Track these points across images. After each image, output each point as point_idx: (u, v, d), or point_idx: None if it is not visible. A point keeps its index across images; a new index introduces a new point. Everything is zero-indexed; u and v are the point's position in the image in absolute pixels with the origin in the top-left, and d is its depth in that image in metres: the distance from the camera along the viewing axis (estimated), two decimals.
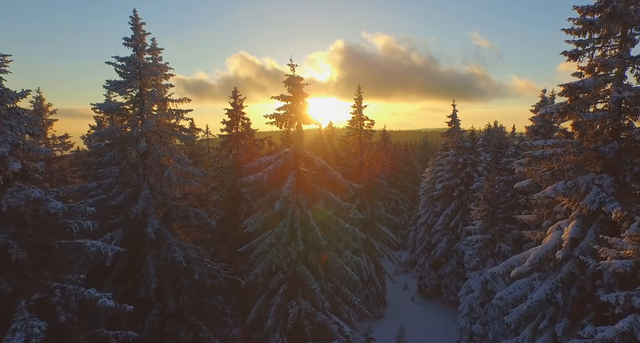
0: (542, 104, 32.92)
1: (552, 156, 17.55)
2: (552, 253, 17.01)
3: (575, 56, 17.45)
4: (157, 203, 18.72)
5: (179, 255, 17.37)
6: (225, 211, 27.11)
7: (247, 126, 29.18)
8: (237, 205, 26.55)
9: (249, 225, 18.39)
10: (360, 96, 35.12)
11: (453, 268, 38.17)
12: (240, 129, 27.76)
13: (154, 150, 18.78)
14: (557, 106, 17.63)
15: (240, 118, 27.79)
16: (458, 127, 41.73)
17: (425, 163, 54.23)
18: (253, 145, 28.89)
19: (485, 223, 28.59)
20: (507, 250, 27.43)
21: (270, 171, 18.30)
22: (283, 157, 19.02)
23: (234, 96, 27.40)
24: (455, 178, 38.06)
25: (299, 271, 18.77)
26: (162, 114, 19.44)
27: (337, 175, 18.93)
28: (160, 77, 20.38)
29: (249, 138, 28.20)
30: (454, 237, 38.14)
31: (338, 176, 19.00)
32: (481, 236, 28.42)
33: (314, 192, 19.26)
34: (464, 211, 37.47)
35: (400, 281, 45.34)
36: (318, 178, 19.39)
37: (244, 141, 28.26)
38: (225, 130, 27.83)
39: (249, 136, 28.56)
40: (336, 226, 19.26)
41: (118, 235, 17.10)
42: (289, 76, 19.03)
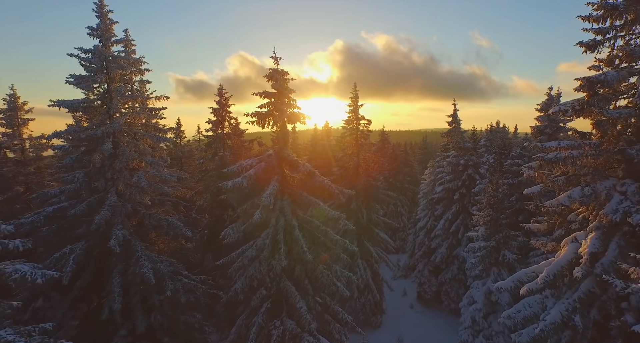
0: (549, 102, 30.73)
1: (567, 159, 15.42)
2: (567, 268, 14.88)
3: (592, 47, 15.32)
4: (125, 211, 16.62)
5: (148, 270, 15.28)
6: (211, 216, 25.02)
7: (235, 126, 27.08)
8: (223, 211, 24.44)
9: (227, 236, 16.27)
10: (356, 94, 32.99)
11: (454, 275, 36.03)
12: (226, 129, 25.62)
13: (123, 152, 16.69)
14: (573, 103, 15.49)
15: (226, 117, 25.66)
16: (459, 127, 39.57)
17: (425, 164, 52.11)
18: (241, 147, 26.76)
19: (488, 229, 26.46)
20: (512, 259, 25.29)
21: (251, 176, 16.18)
22: (265, 160, 16.92)
23: (220, 94, 25.28)
24: (456, 180, 35.94)
25: (283, 287, 16.66)
26: (133, 112, 17.31)
27: (324, 180, 16.82)
28: (133, 72, 18.28)
29: (236, 139, 26.06)
30: (455, 242, 36.01)
31: (325, 181, 16.89)
32: (484, 244, 26.29)
33: (301, 199, 17.14)
34: (465, 215, 35.33)
35: (399, 286, 43.21)
36: (305, 183, 17.27)
37: (231, 142, 26.13)
38: (210, 130, 25.71)
39: (237, 136, 26.42)
40: (325, 237, 17.14)
41: (79, 248, 15.02)
42: (272, 69, 16.91)
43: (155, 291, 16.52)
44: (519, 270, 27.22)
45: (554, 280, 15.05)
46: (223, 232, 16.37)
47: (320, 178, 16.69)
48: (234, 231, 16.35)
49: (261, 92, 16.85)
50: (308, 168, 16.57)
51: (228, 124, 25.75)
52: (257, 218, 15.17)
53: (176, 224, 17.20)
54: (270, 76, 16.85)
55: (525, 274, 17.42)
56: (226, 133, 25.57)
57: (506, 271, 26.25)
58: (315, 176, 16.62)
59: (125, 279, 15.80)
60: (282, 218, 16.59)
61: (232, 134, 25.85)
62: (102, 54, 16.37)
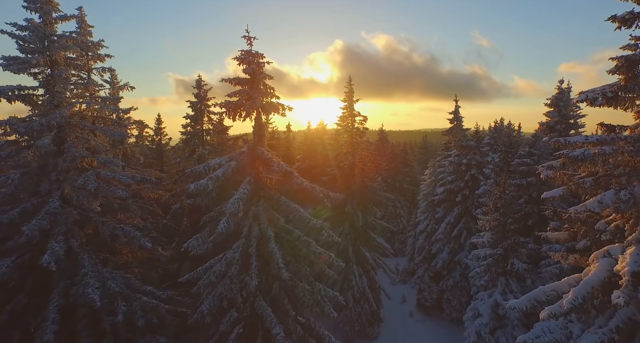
0: (559, 96, 27.83)
1: (597, 157, 12.54)
2: (599, 289, 11.98)
3: (629, 21, 12.40)
4: (72, 218, 13.77)
5: (93, 290, 12.45)
6: (188, 221, 22.16)
7: (219, 121, 24.24)
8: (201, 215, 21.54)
9: (191, 247, 13.47)
10: (351, 88, 30.14)
11: (456, 282, 33.11)
12: (206, 125, 22.76)
13: (69, 149, 13.84)
14: (604, 90, 12.65)
15: (205, 112, 22.80)
16: (461, 124, 36.66)
17: (425, 163, 49.18)
18: (224, 144, 23.91)
19: (495, 235, 23.57)
20: (522, 268, 22.40)
21: (218, 177, 13.36)
22: (236, 159, 14.10)
23: (198, 86, 22.41)
24: (458, 180, 33.04)
25: (258, 308, 13.82)
26: (82, 102, 14.47)
27: (302, 183, 14.00)
28: (92, 58, 15.44)
29: (217, 136, 23.19)
30: (457, 247, 33.10)
31: (305, 184, 14.07)
32: (490, 251, 23.40)
33: (279, 205, 14.31)
34: (468, 218, 32.44)
35: (398, 292, 40.28)
36: (284, 185, 14.42)
37: (212, 140, 23.26)
38: (187, 126, 22.83)
39: (219, 133, 23.53)
40: (307, 249, 14.31)
41: (5, 265, 12.16)
42: (243, 51, 14.08)
43: (107, 314, 13.70)
44: (529, 280, 24.34)
45: (583, 303, 12.12)
46: (186, 243, 13.55)
47: (299, 180, 13.87)
48: (199, 242, 13.53)
49: (231, 79, 14.02)
50: (284, 167, 13.75)
51: (208, 119, 22.90)
52: (222, 229, 12.36)
53: (132, 233, 14.36)
54: (242, 59, 14.01)
55: (543, 293, 14.50)
56: (205, 129, 22.71)
57: (515, 281, 23.36)
58: (292, 178, 13.81)
59: (69, 301, 12.99)
60: (255, 227, 13.77)
61: (212, 130, 22.97)
62: (41, 32, 13.56)
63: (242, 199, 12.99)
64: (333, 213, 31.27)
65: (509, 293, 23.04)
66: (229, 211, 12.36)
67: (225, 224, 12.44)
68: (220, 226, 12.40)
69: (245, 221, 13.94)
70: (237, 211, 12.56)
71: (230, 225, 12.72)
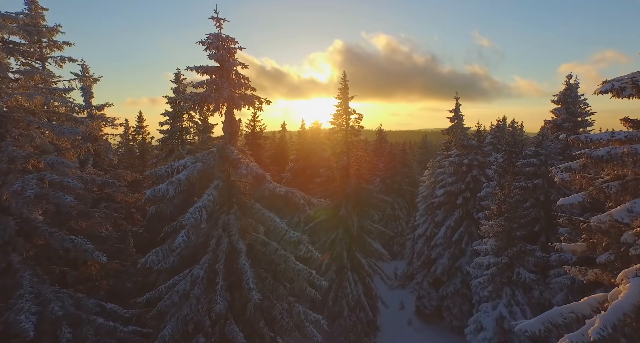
0: (567, 92, 25.65)
1: (626, 157, 10.42)
2: (633, 316, 9.82)
3: None
4: (11, 230, 11.65)
5: (27, 317, 10.32)
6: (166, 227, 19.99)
7: (204, 119, 22.11)
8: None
9: (150, 263, 11.35)
10: (345, 85, 28.02)
11: (457, 289, 30.94)
12: (186, 123, 20.62)
13: (6, 149, 11.74)
14: (634, 77, 10.49)
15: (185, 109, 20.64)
16: (461, 123, 34.53)
17: (425, 164, 46.92)
18: (208, 144, 21.75)
19: (499, 242, 21.43)
20: (529, 278, 20.23)
21: (181, 181, 11.27)
22: (202, 160, 11.99)
23: (177, 80, 20.28)
24: (459, 182, 30.86)
25: (229, 332, 11.71)
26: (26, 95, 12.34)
27: (275, 188, 11.90)
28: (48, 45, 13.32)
29: (200, 135, 21.05)
30: (458, 252, 30.94)
31: (278, 189, 11.96)
32: (495, 259, 21.23)
33: (252, 212, 12.18)
34: (470, 221, 30.26)
35: (396, 298, 38.13)
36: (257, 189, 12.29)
37: (193, 139, 21.13)
38: (166, 124, 20.69)
39: (203, 132, 21.40)
40: (285, 264, 12.18)
41: None
42: (211, 35, 11.97)
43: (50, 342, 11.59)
44: (537, 291, 22.11)
45: (613, 333, 9.93)
46: (144, 258, 11.44)
47: (271, 185, 11.76)
48: (159, 257, 11.44)
49: (197, 67, 11.90)
50: (253, 170, 11.63)
51: (189, 117, 20.77)
52: (180, 244, 10.29)
53: (84, 246, 12.24)
54: (209, 44, 11.92)
55: (560, 314, 12.31)
56: (185, 127, 20.58)
57: (521, 292, 21.19)
58: (263, 182, 11.72)
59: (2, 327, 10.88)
60: (225, 238, 11.68)
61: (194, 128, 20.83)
62: None
63: (206, 208, 10.91)
64: (327, 217, 29.16)
65: (515, 305, 20.86)
66: (188, 223, 10.28)
67: (184, 238, 10.38)
68: (177, 240, 10.33)
69: (215, 231, 11.84)
70: (198, 222, 10.49)
71: (191, 238, 10.67)
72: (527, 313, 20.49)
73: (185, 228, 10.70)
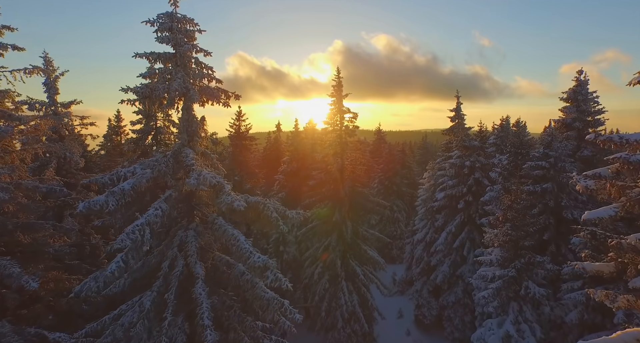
0: (578, 89, 23.36)
1: None
2: None
3: None
4: None
5: None
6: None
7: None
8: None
9: (87, 291, 9.15)
10: (339, 82, 25.83)
11: (458, 298, 28.68)
12: (161, 122, 18.44)
13: None
14: None
15: None
16: (463, 122, 32.19)
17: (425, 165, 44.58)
18: None
19: (505, 253, 19.19)
20: (539, 294, 17.99)
21: (125, 191, 9.14)
22: (152, 166, 9.81)
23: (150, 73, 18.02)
24: (460, 185, 28.61)
25: None
26: None
27: (233, 201, 9.66)
28: None
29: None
30: (459, 259, 28.69)
31: (237, 202, 9.69)
32: (500, 272, 18.99)
33: (213, 229, 10.00)
34: (472, 227, 28.01)
35: (394, 305, 35.91)
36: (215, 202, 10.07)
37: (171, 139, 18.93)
38: (137, 123, 18.52)
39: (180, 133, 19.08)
40: (252, 291, 9.99)
41: None
42: (163, 14, 9.79)
43: None
44: (547, 307, 19.79)
45: None
46: (79, 286, 9.27)
47: (228, 198, 9.56)
48: (99, 283, 9.18)
49: (147, 54, 9.74)
50: (207, 179, 9.44)
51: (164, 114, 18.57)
52: (113, 270, 8.13)
53: (9, 270, 10.04)
54: (160, 25, 9.73)
55: None
56: (160, 126, 18.39)
57: (530, 308, 18.92)
58: (220, 193, 9.53)
59: None
60: (180, 260, 9.50)
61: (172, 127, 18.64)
62: None
63: (153, 224, 8.77)
64: (320, 222, 26.97)
65: (523, 322, 18.60)
66: (122, 246, 8.11)
67: (119, 264, 8.24)
68: (111, 266, 8.18)
69: (170, 251, 9.66)
70: (139, 244, 8.33)
71: (130, 263, 8.50)
72: (537, 331, 18.24)
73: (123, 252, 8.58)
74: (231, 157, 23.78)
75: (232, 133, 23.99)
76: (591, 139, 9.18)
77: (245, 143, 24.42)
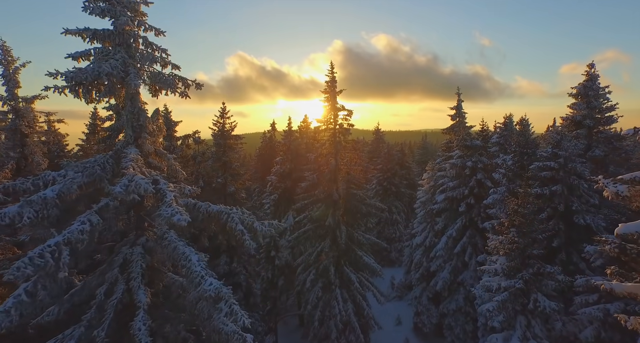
0: (589, 84, 21.45)
1: None
2: None
3: None
4: None
5: None
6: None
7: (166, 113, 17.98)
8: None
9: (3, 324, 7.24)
10: (333, 77, 23.93)
11: (459, 306, 26.73)
12: None
13: None
14: None
15: None
16: (464, 121, 30.33)
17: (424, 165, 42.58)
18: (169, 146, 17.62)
19: (511, 262, 17.25)
20: (549, 308, 16.01)
21: (47, 200, 7.22)
22: (83, 170, 7.89)
23: None
24: (461, 187, 26.67)
25: None
26: None
27: (174, 214, 7.71)
28: None
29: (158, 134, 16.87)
30: (461, 265, 26.75)
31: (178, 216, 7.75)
32: (506, 283, 17.06)
33: (162, 246, 8.09)
34: (474, 231, 26.05)
35: (393, 311, 34.02)
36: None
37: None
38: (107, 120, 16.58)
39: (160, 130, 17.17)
40: (209, 322, 8.09)
41: None
42: None
43: None
44: (559, 323, 17.83)
45: None
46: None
47: (168, 210, 7.56)
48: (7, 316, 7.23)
49: (81, 30, 7.84)
50: (142, 186, 7.53)
51: None
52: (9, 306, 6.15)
53: None
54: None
55: None
56: None
57: (539, 323, 16.97)
58: (161, 203, 7.62)
59: None
60: (120, 285, 7.61)
61: None
62: None
63: (74, 243, 6.89)
64: (313, 226, 25.05)
65: (532, 338, 16.66)
66: (16, 277, 6.16)
67: (21, 298, 6.29)
68: (6, 303, 6.17)
69: (110, 272, 7.77)
70: (51, 271, 6.44)
71: (40, 295, 6.61)
72: None
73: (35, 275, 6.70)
74: (214, 157, 21.90)
75: (216, 132, 22.10)
76: (629, 135, 7.18)
77: (230, 142, 22.52)
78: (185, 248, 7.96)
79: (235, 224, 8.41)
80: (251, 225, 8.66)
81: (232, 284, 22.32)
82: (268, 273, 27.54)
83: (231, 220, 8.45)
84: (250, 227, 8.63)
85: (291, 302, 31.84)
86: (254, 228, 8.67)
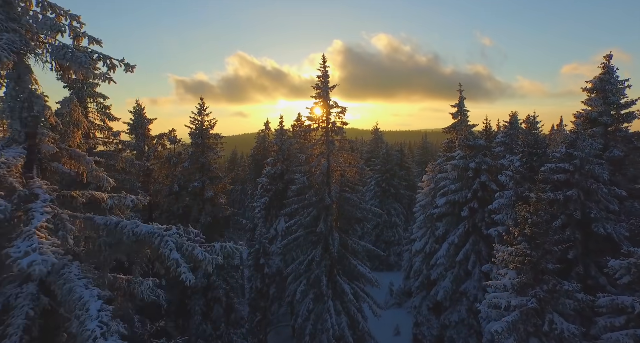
0: (606, 77, 19.10)
1: None
2: None
3: None
4: None
5: None
6: None
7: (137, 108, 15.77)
8: None
9: None
10: (325, 71, 21.69)
11: (462, 318, 24.46)
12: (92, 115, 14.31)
13: None
14: None
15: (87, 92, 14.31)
16: (466, 119, 28.03)
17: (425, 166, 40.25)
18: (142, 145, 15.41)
19: (522, 277, 14.91)
20: (569, 331, 13.69)
21: None
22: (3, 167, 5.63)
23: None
24: (464, 190, 24.41)
25: None
26: None
27: (27, 253, 5.45)
28: None
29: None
30: (463, 274, 24.47)
31: (30, 257, 5.51)
32: (517, 300, 14.75)
33: (58, 285, 5.87)
34: (478, 238, 23.75)
35: (391, 319, 31.74)
36: None
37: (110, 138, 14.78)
38: None
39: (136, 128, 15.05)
40: None
41: None
42: None
43: None
44: None
45: None
46: None
47: (20, 247, 5.36)
48: None
49: None
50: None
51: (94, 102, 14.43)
52: None
53: None
54: None
55: None
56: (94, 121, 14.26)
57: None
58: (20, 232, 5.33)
59: None
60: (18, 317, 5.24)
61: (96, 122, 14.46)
62: None
63: None
64: (303, 233, 22.80)
65: None
66: None
67: None
68: None
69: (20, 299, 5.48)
70: None
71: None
72: None
73: None
74: (191, 158, 19.54)
75: (193, 130, 19.82)
76: None
77: (208, 141, 20.25)
78: (84, 291, 5.60)
79: (170, 251, 6.16)
80: (191, 252, 6.42)
81: (211, 299, 20.07)
82: (257, 281, 25.33)
83: (164, 245, 6.20)
84: (190, 255, 6.39)
85: (284, 310, 29.59)
86: (194, 255, 6.42)
